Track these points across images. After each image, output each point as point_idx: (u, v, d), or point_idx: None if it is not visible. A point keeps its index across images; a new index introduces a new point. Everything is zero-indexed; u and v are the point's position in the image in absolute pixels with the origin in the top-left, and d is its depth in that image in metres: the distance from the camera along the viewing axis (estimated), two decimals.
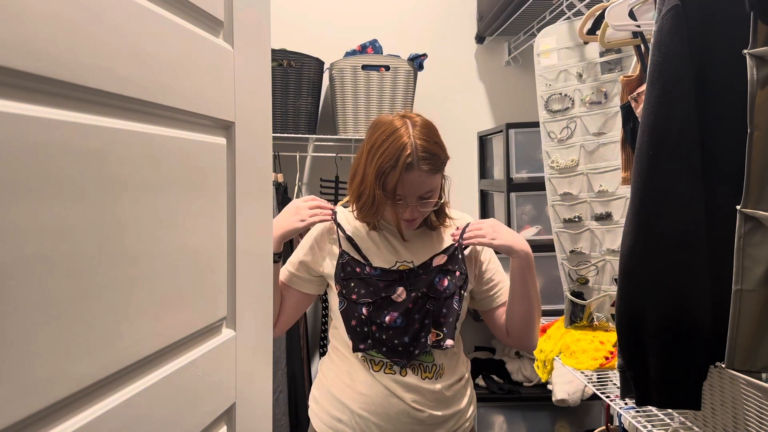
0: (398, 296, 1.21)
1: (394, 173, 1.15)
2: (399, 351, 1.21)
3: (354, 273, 1.22)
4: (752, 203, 0.84)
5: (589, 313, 1.66)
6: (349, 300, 1.21)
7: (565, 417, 2.41)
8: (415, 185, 1.18)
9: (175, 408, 0.56)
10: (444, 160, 1.22)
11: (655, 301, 0.99)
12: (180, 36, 0.56)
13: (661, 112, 0.96)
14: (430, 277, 1.23)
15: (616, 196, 1.63)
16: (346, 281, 1.22)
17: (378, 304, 1.21)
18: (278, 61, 2.30)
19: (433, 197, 1.22)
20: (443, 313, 1.22)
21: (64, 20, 0.40)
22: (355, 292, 1.21)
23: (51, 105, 0.40)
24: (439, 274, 1.23)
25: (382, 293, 1.21)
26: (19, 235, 0.37)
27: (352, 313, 1.21)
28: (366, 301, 1.21)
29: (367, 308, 1.20)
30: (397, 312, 1.20)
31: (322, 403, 1.28)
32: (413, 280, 1.22)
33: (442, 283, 1.23)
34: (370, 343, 1.21)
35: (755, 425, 1.04)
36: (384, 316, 1.20)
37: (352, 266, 1.22)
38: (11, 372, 0.36)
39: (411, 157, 1.15)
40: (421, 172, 1.16)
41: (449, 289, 1.22)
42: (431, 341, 1.22)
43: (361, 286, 1.21)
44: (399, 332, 1.20)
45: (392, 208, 1.21)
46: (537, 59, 1.76)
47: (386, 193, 1.17)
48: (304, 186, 2.66)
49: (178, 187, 0.56)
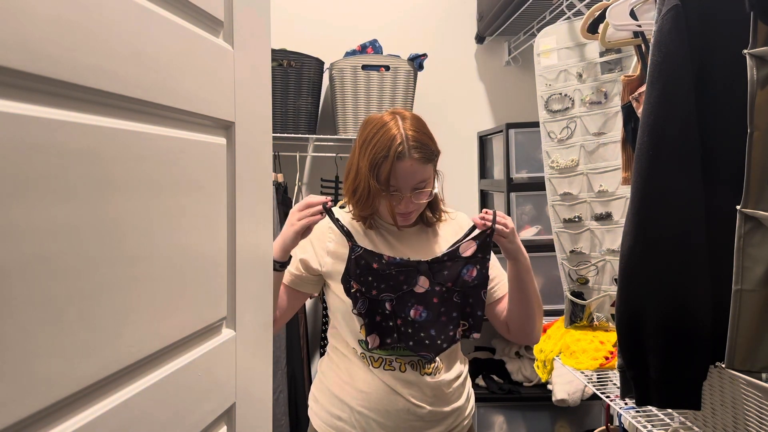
0: (420, 287, 1.18)
1: (386, 163, 1.17)
2: (426, 344, 1.19)
3: (369, 267, 1.18)
4: (752, 203, 0.84)
5: (589, 313, 1.66)
6: (370, 297, 1.18)
7: (565, 417, 2.41)
8: (407, 175, 1.19)
9: (175, 408, 0.56)
10: (435, 152, 1.24)
11: (655, 301, 0.99)
12: (180, 36, 0.56)
13: (661, 112, 0.97)
14: (457, 268, 1.19)
15: (616, 196, 1.63)
16: (363, 276, 1.17)
17: (400, 298, 1.18)
18: (278, 61, 2.30)
19: (427, 188, 1.23)
20: (470, 303, 1.21)
21: (63, 20, 0.40)
22: (374, 287, 1.17)
23: (51, 105, 0.40)
24: (468, 264, 1.19)
25: (404, 286, 1.18)
26: (20, 235, 0.37)
27: (375, 310, 1.18)
28: (389, 296, 1.18)
29: (391, 303, 1.18)
30: (421, 306, 1.18)
31: (322, 402, 1.28)
32: (436, 269, 1.19)
33: (471, 273, 1.19)
34: (396, 338, 1.19)
35: (755, 425, 1.04)
36: (408, 309, 1.18)
37: (367, 259, 1.17)
38: (11, 372, 0.36)
39: (402, 146, 1.18)
40: (413, 161, 1.18)
41: (478, 279, 1.19)
42: (459, 335, 1.21)
43: (380, 281, 1.17)
44: (425, 326, 1.18)
45: (387, 202, 1.21)
46: (537, 59, 1.76)
47: (380, 184, 1.19)
48: (304, 186, 2.66)
49: (179, 187, 0.56)
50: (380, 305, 1.18)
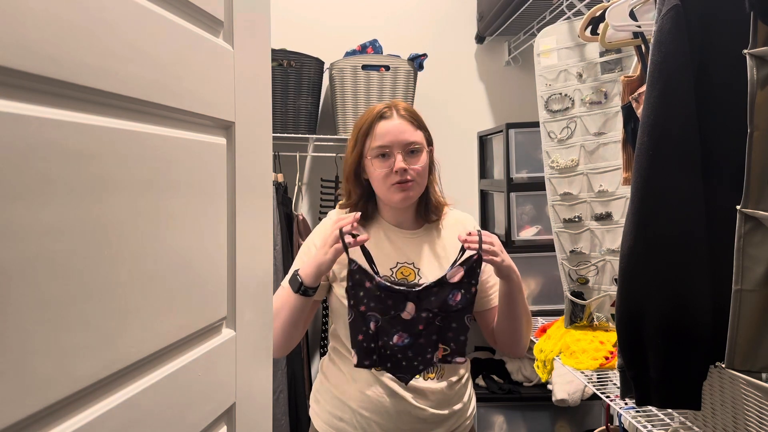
0: (407, 313, 1.16)
1: (374, 125, 1.20)
2: (403, 366, 1.17)
3: (362, 284, 1.16)
4: (752, 203, 0.84)
5: (589, 313, 1.66)
6: (357, 311, 1.16)
7: (565, 417, 2.41)
8: (395, 130, 1.20)
9: (175, 408, 0.56)
10: (426, 130, 1.26)
11: (656, 301, 0.99)
12: (180, 36, 0.56)
13: (661, 112, 0.96)
14: (444, 294, 1.16)
15: (616, 196, 1.63)
16: (354, 290, 1.16)
17: (386, 321, 1.16)
18: (278, 61, 2.30)
19: (420, 153, 1.23)
20: (452, 327, 1.17)
21: (63, 20, 0.40)
22: (364, 303, 1.16)
23: (50, 105, 0.40)
24: (454, 289, 1.17)
25: (391, 311, 1.16)
26: (20, 235, 0.37)
27: (359, 327, 1.17)
28: (375, 315, 1.15)
29: (375, 323, 1.15)
30: (406, 332, 1.16)
31: (323, 403, 1.28)
32: (424, 297, 1.16)
33: (455, 298, 1.17)
34: (375, 359, 1.17)
35: (755, 425, 1.04)
36: (393, 334, 1.16)
37: (361, 276, 1.16)
38: (11, 372, 0.36)
39: (388, 110, 1.22)
40: (401, 119, 1.20)
41: (461, 303, 1.17)
42: (437, 357, 1.19)
43: (371, 299, 1.16)
44: (405, 349, 1.17)
45: (381, 174, 1.20)
46: (537, 59, 1.76)
47: (371, 151, 1.20)
48: (304, 186, 2.66)
49: (178, 187, 0.56)
50: (365, 323, 1.16)
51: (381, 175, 1.21)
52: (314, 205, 2.66)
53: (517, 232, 2.42)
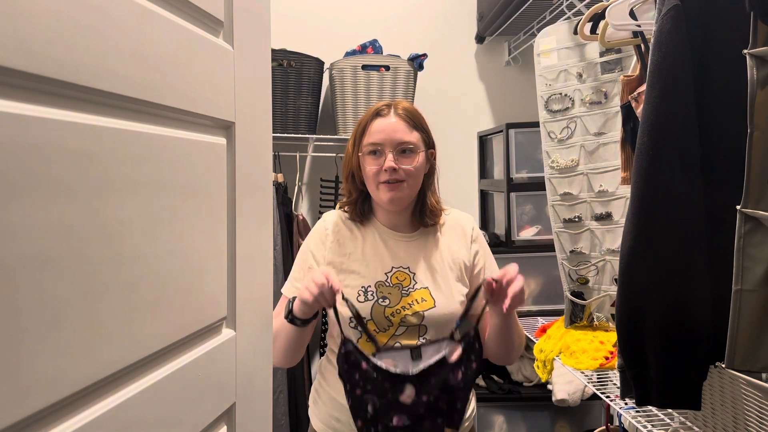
0: (407, 397, 1.08)
1: (368, 123, 1.20)
2: None
3: (358, 365, 1.10)
4: (752, 203, 0.84)
5: (589, 313, 1.66)
6: (353, 396, 1.10)
7: (565, 417, 2.41)
8: (388, 128, 1.18)
9: (175, 408, 0.56)
10: (424, 127, 1.24)
11: (655, 300, 0.99)
12: (180, 36, 0.56)
13: (661, 112, 0.96)
14: (445, 374, 1.10)
15: (616, 196, 1.63)
16: (349, 374, 1.10)
17: (384, 405, 1.09)
18: (278, 61, 2.30)
19: (414, 154, 1.20)
20: (457, 408, 1.11)
21: (63, 20, 0.40)
22: (359, 386, 1.09)
23: (51, 105, 0.40)
24: (455, 368, 1.10)
25: (389, 394, 1.08)
26: (20, 235, 0.37)
27: (357, 412, 1.10)
28: (371, 398, 1.09)
29: (373, 406, 1.09)
30: (405, 415, 1.09)
31: (321, 404, 1.28)
32: (423, 378, 1.09)
33: (456, 377, 1.10)
34: None
35: (755, 425, 1.04)
36: (392, 417, 1.09)
37: (357, 358, 1.10)
38: (11, 372, 0.36)
39: (384, 108, 1.21)
40: (397, 117, 1.19)
41: (464, 382, 1.11)
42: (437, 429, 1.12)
43: (367, 381, 1.09)
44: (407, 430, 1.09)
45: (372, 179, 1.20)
46: (537, 59, 1.76)
47: (363, 148, 1.19)
48: (304, 186, 2.66)
49: (179, 187, 0.56)
50: (362, 407, 1.10)
51: (371, 172, 1.20)
52: (314, 205, 2.66)
53: (517, 232, 2.42)
